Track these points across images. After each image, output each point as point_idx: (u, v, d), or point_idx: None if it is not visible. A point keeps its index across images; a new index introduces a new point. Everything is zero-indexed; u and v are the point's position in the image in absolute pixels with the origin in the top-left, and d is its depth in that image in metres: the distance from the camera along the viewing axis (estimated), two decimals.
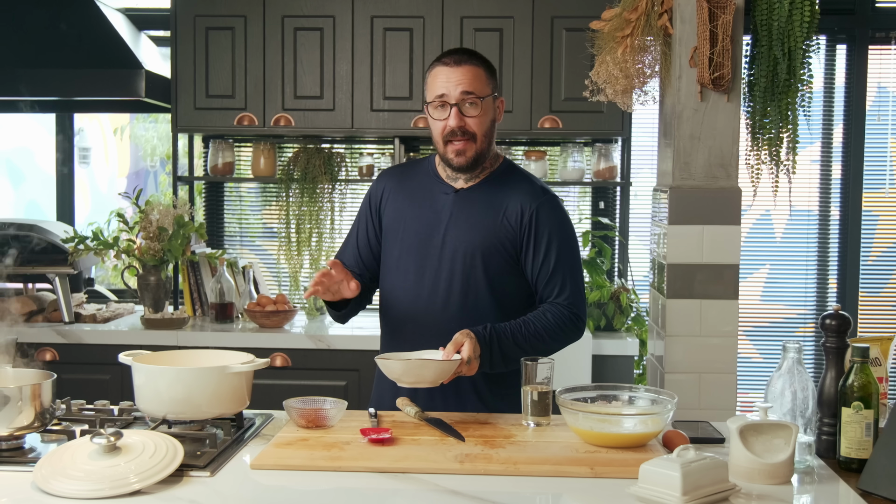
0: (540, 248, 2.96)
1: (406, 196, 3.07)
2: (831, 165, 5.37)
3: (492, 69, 2.97)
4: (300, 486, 2.27)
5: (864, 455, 2.35)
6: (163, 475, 2.20)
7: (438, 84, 2.91)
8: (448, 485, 2.25)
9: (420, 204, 3.04)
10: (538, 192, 3.01)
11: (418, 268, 3.00)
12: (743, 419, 2.32)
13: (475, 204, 2.99)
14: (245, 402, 2.65)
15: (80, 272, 5.01)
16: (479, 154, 2.95)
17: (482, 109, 2.91)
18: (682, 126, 3.77)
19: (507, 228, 2.96)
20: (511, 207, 2.97)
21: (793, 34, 3.62)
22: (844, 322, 2.52)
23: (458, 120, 2.90)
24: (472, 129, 2.91)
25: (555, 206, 3.02)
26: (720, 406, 3.75)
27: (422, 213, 3.02)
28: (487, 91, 2.92)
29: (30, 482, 2.21)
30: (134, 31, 5.23)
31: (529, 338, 2.88)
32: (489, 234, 2.95)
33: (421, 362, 2.66)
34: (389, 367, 2.66)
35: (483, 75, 2.92)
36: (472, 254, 2.95)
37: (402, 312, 3.03)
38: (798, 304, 5.45)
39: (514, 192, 2.99)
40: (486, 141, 2.95)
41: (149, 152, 6.30)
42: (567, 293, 2.96)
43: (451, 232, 2.97)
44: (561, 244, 2.98)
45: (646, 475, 2.13)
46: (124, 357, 2.65)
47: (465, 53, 2.95)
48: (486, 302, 2.96)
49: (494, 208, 2.97)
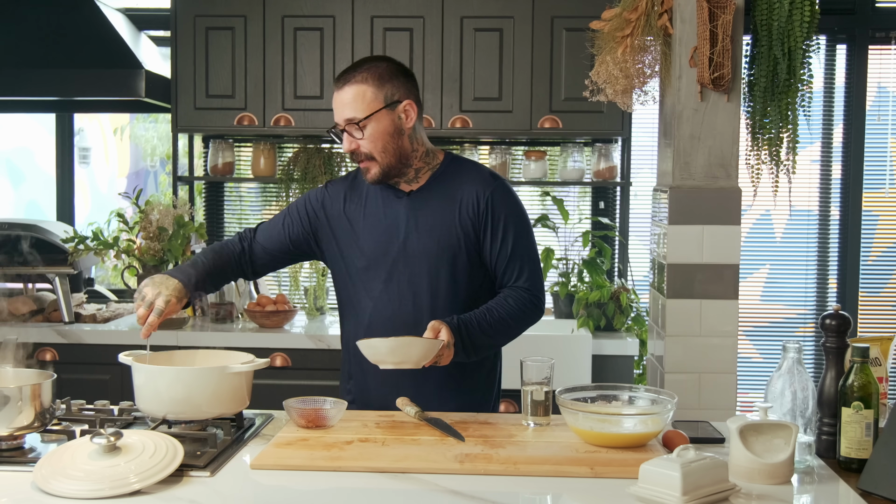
0: (497, 234, 2.95)
1: (357, 206, 3.02)
2: (831, 165, 5.36)
3: (384, 78, 2.86)
4: (300, 486, 2.27)
5: (864, 455, 2.35)
6: (163, 475, 2.19)
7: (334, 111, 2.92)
8: (448, 485, 2.25)
9: (374, 212, 3.00)
10: (489, 178, 3.00)
11: (383, 275, 2.97)
12: (743, 419, 2.32)
13: (429, 205, 2.96)
14: (245, 402, 2.65)
15: (80, 272, 5.02)
16: (387, 169, 2.91)
17: (370, 130, 2.85)
18: (682, 126, 3.76)
19: (465, 221, 2.94)
20: (465, 199, 2.95)
21: (793, 34, 3.60)
22: (844, 322, 2.51)
23: (347, 145, 2.88)
24: (364, 150, 2.88)
25: (507, 190, 3.01)
26: (720, 406, 3.74)
27: (377, 222, 2.99)
28: (375, 106, 2.84)
29: (30, 482, 2.20)
30: (134, 31, 5.23)
31: (495, 325, 2.89)
32: (449, 234, 2.94)
33: (408, 340, 2.63)
34: (375, 347, 2.64)
35: (367, 92, 2.84)
36: (437, 255, 2.94)
37: (369, 320, 3.00)
38: (798, 304, 5.45)
39: (465, 184, 2.97)
40: (390, 154, 2.89)
41: (149, 152, 6.29)
42: (526, 276, 2.97)
43: (411, 237, 2.95)
44: (517, 228, 2.98)
45: (646, 475, 2.13)
46: (124, 357, 2.65)
47: (352, 70, 2.88)
48: (455, 300, 2.96)
49: (449, 205, 2.96)
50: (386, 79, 2.86)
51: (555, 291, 5.05)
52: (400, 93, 2.88)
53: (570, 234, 5.15)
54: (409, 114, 2.89)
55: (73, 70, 4.79)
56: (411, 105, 2.90)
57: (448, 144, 5.36)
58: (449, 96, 4.92)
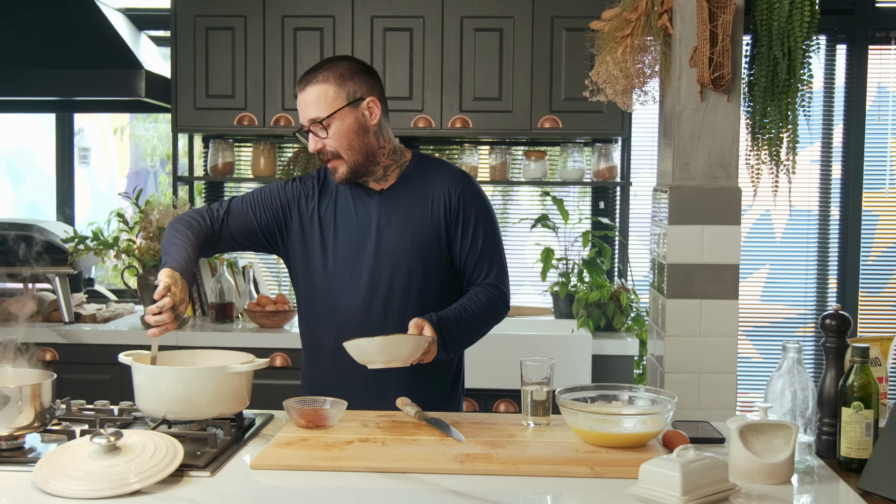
0: (468, 231, 2.98)
1: (328, 204, 3.03)
2: (831, 165, 5.36)
3: (345, 76, 2.89)
4: (300, 486, 2.27)
5: (864, 455, 2.35)
6: (163, 475, 2.19)
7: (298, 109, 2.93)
8: (448, 485, 2.25)
9: (345, 211, 3.01)
10: (459, 175, 3.03)
11: (355, 274, 2.97)
12: (743, 419, 2.32)
13: (401, 203, 2.98)
14: (245, 402, 2.65)
15: (80, 272, 5.02)
16: (355, 167, 2.92)
17: (335, 128, 2.87)
18: (682, 126, 3.76)
19: (438, 218, 2.97)
20: (437, 196, 2.97)
21: (793, 34, 3.60)
22: (844, 322, 2.52)
23: (313, 144, 2.90)
24: (330, 149, 2.90)
25: (477, 188, 3.04)
26: (720, 406, 3.74)
27: (349, 221, 3.00)
28: (337, 104, 2.86)
29: (30, 482, 2.20)
30: (134, 31, 5.22)
31: (470, 321, 2.90)
32: (421, 231, 2.96)
33: (397, 338, 2.62)
34: (363, 348, 2.61)
35: (329, 91, 2.86)
36: (410, 253, 2.95)
37: (341, 320, 2.99)
38: (798, 304, 5.44)
39: (436, 181, 2.99)
40: (357, 152, 2.91)
41: (149, 152, 6.28)
42: (494, 273, 3.00)
43: (384, 235, 2.96)
44: (487, 225, 3.01)
45: (646, 475, 2.13)
46: (124, 357, 2.65)
47: (313, 71, 2.90)
48: (427, 298, 2.97)
49: (421, 203, 2.97)
50: (347, 77, 2.89)
51: (555, 291, 5.04)
52: (362, 90, 2.90)
53: (570, 234, 5.14)
54: (373, 110, 2.91)
55: (73, 70, 4.78)
56: (375, 102, 2.92)
57: (448, 144, 5.37)
58: (449, 96, 4.92)
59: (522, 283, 5.45)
